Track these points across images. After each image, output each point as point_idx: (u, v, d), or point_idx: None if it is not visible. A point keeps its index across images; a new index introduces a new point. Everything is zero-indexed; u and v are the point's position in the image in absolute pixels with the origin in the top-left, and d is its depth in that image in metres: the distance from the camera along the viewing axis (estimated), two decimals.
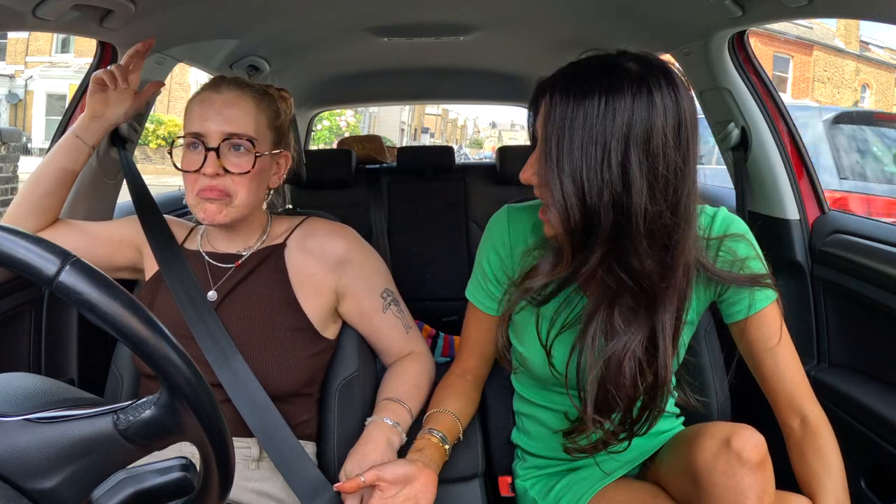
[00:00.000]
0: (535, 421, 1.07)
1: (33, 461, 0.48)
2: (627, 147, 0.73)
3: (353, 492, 0.90)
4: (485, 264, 1.03)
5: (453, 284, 2.46)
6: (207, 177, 0.98)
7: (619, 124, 0.73)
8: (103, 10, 1.08)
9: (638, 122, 0.73)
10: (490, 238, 1.02)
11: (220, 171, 0.98)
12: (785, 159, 1.34)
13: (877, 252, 1.15)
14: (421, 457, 0.94)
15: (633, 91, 0.73)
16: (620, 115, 0.73)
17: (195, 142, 1.00)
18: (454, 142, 40.47)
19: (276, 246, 1.08)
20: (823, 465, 0.89)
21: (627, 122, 0.73)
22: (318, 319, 1.05)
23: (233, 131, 0.99)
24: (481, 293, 1.04)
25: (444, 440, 0.98)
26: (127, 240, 1.12)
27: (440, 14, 1.58)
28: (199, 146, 0.99)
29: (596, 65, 0.78)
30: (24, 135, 11.58)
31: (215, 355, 0.97)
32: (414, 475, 0.90)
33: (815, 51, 18.55)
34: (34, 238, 0.45)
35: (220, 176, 0.98)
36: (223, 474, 0.54)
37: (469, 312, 1.08)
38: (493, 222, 1.03)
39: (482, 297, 1.04)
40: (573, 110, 0.74)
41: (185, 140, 1.01)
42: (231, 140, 0.99)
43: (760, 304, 0.92)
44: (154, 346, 0.47)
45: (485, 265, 1.03)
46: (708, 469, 0.79)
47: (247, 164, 1.00)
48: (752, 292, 0.91)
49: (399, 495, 0.88)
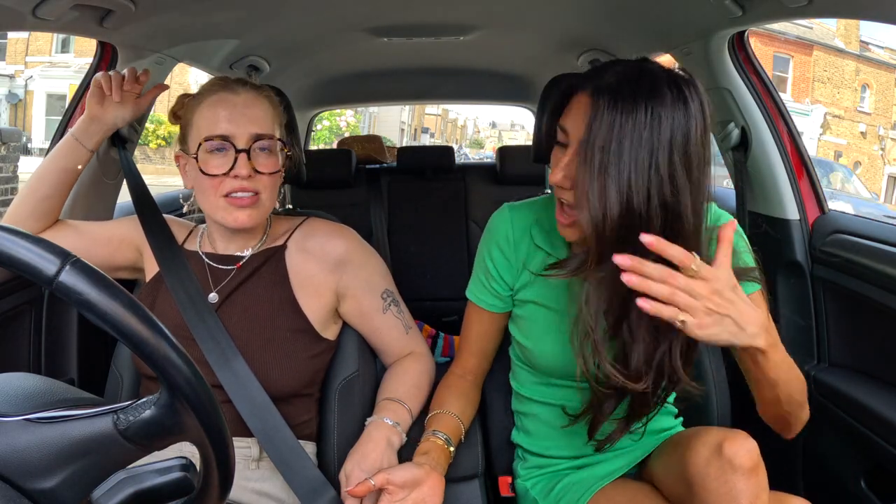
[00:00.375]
0: (534, 419, 1.08)
1: (33, 461, 0.48)
2: (672, 152, 0.76)
3: (363, 495, 0.89)
4: (487, 261, 1.03)
5: (453, 284, 2.46)
6: (240, 179, 0.97)
7: (664, 131, 0.76)
8: (103, 10, 1.08)
9: (678, 129, 0.76)
10: (493, 235, 1.03)
11: (252, 173, 0.98)
12: (785, 159, 1.34)
13: (877, 252, 1.15)
14: (428, 460, 0.94)
15: (673, 99, 0.76)
16: (665, 122, 0.76)
17: (223, 145, 0.98)
18: (454, 142, 40.48)
19: (276, 248, 1.08)
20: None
21: (671, 128, 0.76)
22: (318, 320, 1.05)
23: (261, 132, 1.00)
24: (483, 291, 1.05)
25: (449, 442, 0.98)
26: (127, 240, 1.12)
27: (440, 14, 1.58)
28: (227, 149, 0.98)
29: (636, 71, 0.79)
30: (24, 135, 11.59)
31: (216, 356, 0.97)
32: (422, 479, 0.90)
33: (815, 51, 18.55)
34: (34, 238, 0.45)
35: (252, 178, 0.98)
36: (223, 474, 0.54)
37: (469, 311, 1.09)
38: (494, 220, 1.04)
39: (484, 294, 1.05)
40: (623, 116, 0.75)
41: (208, 144, 0.98)
42: (260, 141, 0.99)
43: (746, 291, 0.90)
44: (154, 346, 0.47)
45: (487, 262, 1.03)
46: (701, 475, 0.79)
47: (275, 164, 1.01)
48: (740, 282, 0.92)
49: (407, 499, 0.88)
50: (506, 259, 1.01)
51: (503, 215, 1.03)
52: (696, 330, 0.72)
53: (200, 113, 1.01)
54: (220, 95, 1.01)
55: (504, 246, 1.01)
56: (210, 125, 0.99)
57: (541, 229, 1.00)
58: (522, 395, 1.09)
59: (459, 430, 1.02)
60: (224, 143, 0.98)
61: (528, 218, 1.01)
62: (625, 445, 1.04)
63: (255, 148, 0.99)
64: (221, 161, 0.98)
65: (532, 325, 1.01)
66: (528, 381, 1.07)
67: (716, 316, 0.72)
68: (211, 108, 1.00)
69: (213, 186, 0.99)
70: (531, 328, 1.01)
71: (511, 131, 49.97)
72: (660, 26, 1.39)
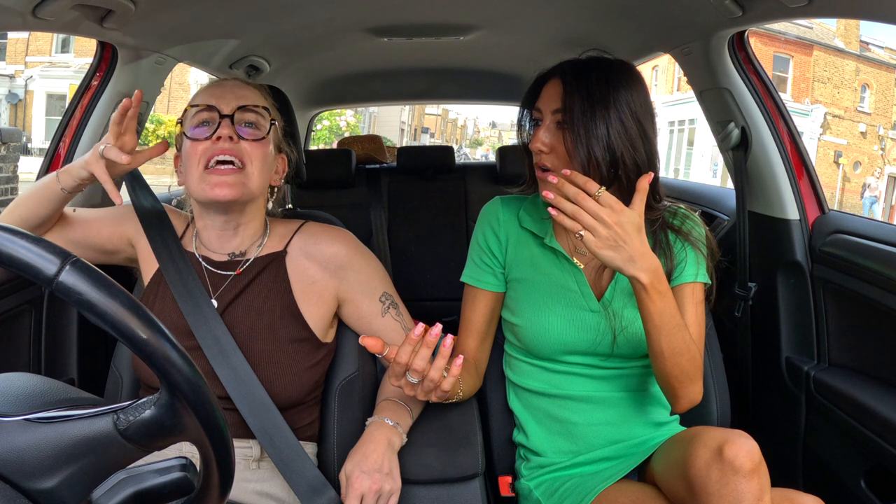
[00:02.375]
0: (534, 411, 1.10)
1: (33, 461, 0.48)
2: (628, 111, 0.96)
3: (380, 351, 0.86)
4: (480, 240, 1.12)
5: (453, 284, 2.45)
6: (223, 142, 0.97)
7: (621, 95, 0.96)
8: (103, 10, 1.08)
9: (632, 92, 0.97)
10: (486, 219, 1.14)
11: (234, 136, 0.98)
12: (785, 159, 1.34)
13: (877, 252, 1.15)
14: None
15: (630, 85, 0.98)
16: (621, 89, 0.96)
17: (208, 118, 0.99)
18: (454, 142, 40.49)
19: (276, 253, 1.06)
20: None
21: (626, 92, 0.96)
22: (319, 327, 1.05)
23: (247, 103, 1.01)
24: (477, 271, 1.12)
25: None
26: (118, 232, 1.10)
27: (440, 14, 1.58)
28: (213, 120, 0.99)
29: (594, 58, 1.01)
30: (24, 135, 11.60)
31: (218, 359, 0.97)
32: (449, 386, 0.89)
33: (815, 51, 18.56)
34: (34, 238, 0.45)
35: (235, 142, 0.98)
36: (223, 474, 0.54)
37: (466, 297, 1.14)
38: (486, 208, 1.16)
39: (479, 274, 1.11)
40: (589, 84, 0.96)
41: (196, 117, 1.00)
42: (245, 111, 1.00)
43: (685, 279, 1.03)
44: (154, 345, 0.47)
45: (480, 241, 1.12)
46: (702, 477, 0.80)
47: (261, 132, 1.01)
48: (685, 266, 1.03)
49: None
50: (496, 237, 1.11)
51: (494, 203, 1.15)
52: (593, 247, 0.86)
53: (196, 95, 1.04)
54: (215, 83, 1.05)
55: (495, 225, 1.12)
56: (198, 100, 1.02)
57: (527, 213, 1.11)
58: (521, 386, 1.11)
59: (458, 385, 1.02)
60: (210, 115, 0.99)
61: (516, 206, 1.13)
62: (626, 448, 1.05)
63: (240, 120, 1.00)
64: (206, 130, 0.99)
65: (523, 303, 1.07)
66: (526, 372, 1.10)
67: (613, 242, 0.86)
68: (202, 92, 1.04)
69: (196, 155, 0.98)
70: (523, 306, 1.07)
71: (511, 131, 49.88)
72: (660, 26, 1.39)
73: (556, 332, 1.04)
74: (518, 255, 1.09)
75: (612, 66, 0.99)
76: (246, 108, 1.00)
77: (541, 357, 1.07)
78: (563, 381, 1.06)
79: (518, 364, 1.11)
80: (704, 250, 1.05)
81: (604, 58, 1.02)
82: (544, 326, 1.04)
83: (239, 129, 0.99)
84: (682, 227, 1.05)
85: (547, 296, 1.05)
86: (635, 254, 0.87)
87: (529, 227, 1.09)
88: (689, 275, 1.03)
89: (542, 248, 1.08)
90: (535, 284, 1.06)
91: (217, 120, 0.98)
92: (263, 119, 1.02)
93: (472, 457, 1.05)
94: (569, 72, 0.99)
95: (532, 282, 1.07)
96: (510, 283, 1.10)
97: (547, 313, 1.04)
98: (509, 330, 1.12)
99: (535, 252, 1.08)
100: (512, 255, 1.10)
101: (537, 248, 1.08)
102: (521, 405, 1.12)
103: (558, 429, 1.07)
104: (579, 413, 1.06)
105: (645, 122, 0.97)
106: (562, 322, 1.03)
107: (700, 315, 1.04)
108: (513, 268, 1.09)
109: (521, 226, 1.10)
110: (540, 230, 1.08)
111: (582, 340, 1.03)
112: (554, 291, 1.05)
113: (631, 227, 0.86)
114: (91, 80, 1.34)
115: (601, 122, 0.94)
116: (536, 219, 1.09)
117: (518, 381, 1.11)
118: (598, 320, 1.03)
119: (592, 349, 1.04)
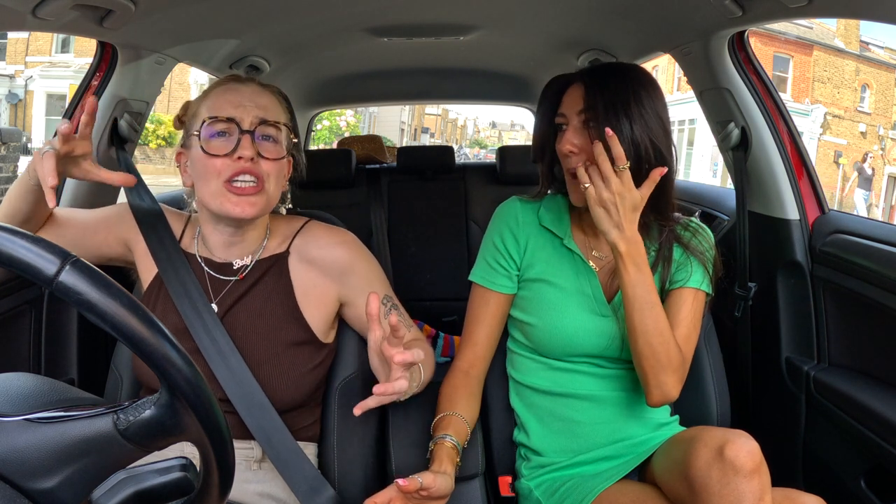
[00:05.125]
0: (536, 410, 1.10)
1: (33, 461, 0.48)
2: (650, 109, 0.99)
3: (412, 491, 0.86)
4: (497, 241, 1.11)
5: (453, 284, 2.46)
6: (244, 161, 0.94)
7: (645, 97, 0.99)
8: (103, 10, 1.07)
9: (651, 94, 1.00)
10: (503, 218, 1.12)
11: (255, 157, 0.95)
12: (785, 159, 1.34)
13: (876, 252, 1.15)
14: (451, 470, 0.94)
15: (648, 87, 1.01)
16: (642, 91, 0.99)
17: (226, 129, 0.96)
18: (454, 142, 40.49)
19: (278, 255, 1.05)
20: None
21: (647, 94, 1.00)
22: (320, 328, 1.04)
23: (267, 118, 0.98)
24: (491, 272, 1.10)
25: (458, 447, 0.99)
26: (114, 232, 1.07)
27: (440, 14, 1.58)
28: (232, 132, 0.96)
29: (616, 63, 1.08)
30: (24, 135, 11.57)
31: (216, 361, 0.96)
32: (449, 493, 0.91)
33: (815, 51, 18.54)
34: (34, 238, 0.45)
35: (255, 162, 0.95)
36: (223, 474, 0.54)
37: (474, 297, 1.11)
38: (503, 206, 1.14)
39: (492, 275, 1.10)
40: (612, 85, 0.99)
41: (212, 127, 0.96)
42: (265, 126, 0.97)
43: (690, 284, 1.04)
44: (154, 345, 0.47)
45: (497, 242, 1.11)
46: (703, 477, 0.80)
47: (280, 150, 0.99)
48: (688, 274, 1.04)
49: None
50: (514, 238, 1.10)
51: (512, 202, 1.14)
52: (591, 201, 0.95)
53: (206, 103, 0.99)
54: (227, 86, 1.00)
55: (513, 225, 1.11)
56: (215, 109, 0.97)
57: (547, 212, 1.11)
58: (524, 384, 1.10)
59: (467, 434, 1.03)
60: (229, 126, 0.96)
61: (535, 206, 1.12)
62: (626, 447, 1.05)
63: (260, 134, 0.97)
64: (225, 143, 0.96)
65: (538, 303, 1.07)
66: (530, 370, 1.10)
67: (607, 206, 0.94)
68: (217, 97, 0.99)
69: (214, 170, 0.94)
70: (538, 307, 1.07)
71: (511, 131, 50.04)
72: (659, 26, 1.39)
73: (569, 333, 1.04)
74: (536, 255, 1.09)
75: (628, 69, 1.03)
76: (267, 123, 0.98)
77: (548, 356, 1.07)
78: (568, 380, 1.07)
79: (522, 361, 1.11)
80: (710, 267, 1.06)
81: (619, 63, 1.07)
82: (557, 328, 1.05)
83: (258, 144, 0.96)
84: (689, 243, 1.06)
85: (562, 297, 1.06)
86: (623, 222, 0.94)
87: (549, 227, 1.10)
88: (694, 281, 1.04)
89: (559, 249, 1.08)
90: (550, 285, 1.07)
91: (236, 132, 0.95)
92: (282, 134, 1.00)
93: (472, 457, 1.05)
94: (588, 75, 1.03)
95: (548, 283, 1.07)
96: (524, 284, 1.10)
97: (561, 315, 1.05)
98: (518, 328, 1.11)
99: (551, 253, 1.09)
100: (530, 256, 1.10)
101: (554, 248, 1.09)
102: (523, 403, 1.12)
103: (560, 427, 1.07)
104: (582, 411, 1.06)
105: (664, 118, 1.01)
106: (574, 324, 1.04)
107: (695, 320, 1.04)
108: (529, 268, 1.09)
109: (540, 224, 1.10)
110: (559, 230, 1.09)
111: (593, 344, 1.04)
112: (569, 293, 1.06)
113: (629, 203, 0.94)
114: (91, 80, 1.34)
115: (624, 118, 0.97)
116: (556, 218, 1.10)
117: (521, 379, 1.11)
118: (608, 324, 1.04)
119: (601, 352, 1.05)
